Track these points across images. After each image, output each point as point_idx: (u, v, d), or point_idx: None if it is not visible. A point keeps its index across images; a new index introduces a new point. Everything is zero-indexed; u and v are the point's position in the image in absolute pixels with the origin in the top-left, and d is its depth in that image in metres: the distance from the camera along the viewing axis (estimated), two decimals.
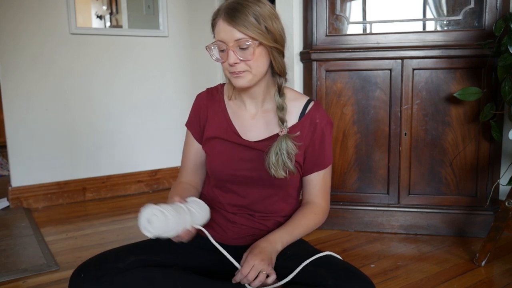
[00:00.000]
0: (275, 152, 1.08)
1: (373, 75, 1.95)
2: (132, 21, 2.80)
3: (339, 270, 1.01)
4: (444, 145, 1.93)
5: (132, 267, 1.05)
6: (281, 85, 1.14)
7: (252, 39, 1.02)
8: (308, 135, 1.15)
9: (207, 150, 1.20)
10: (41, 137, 2.58)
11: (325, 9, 1.97)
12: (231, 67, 1.05)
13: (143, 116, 2.86)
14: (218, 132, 1.17)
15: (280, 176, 1.09)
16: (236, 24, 1.01)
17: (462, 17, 1.89)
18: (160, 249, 1.13)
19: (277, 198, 1.18)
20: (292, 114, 1.15)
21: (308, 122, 1.15)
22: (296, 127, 1.14)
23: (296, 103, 1.17)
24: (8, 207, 2.54)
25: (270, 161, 1.09)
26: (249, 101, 1.17)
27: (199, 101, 1.23)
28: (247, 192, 1.16)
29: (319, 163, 1.17)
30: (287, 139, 1.09)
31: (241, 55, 1.04)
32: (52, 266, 1.70)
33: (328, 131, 1.17)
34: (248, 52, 1.04)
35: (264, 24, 1.03)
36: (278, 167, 1.08)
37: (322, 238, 1.95)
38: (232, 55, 1.03)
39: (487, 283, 1.51)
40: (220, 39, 1.04)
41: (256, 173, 1.13)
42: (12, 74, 2.48)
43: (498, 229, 1.59)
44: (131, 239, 2.00)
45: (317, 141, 1.15)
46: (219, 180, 1.17)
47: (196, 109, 1.23)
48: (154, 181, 2.94)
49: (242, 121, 1.17)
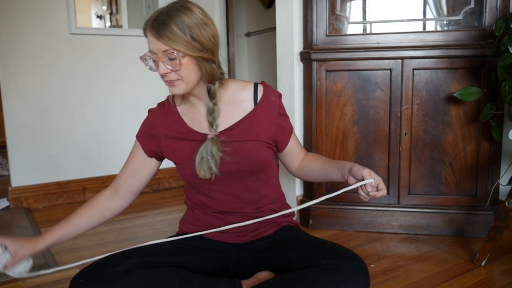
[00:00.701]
0: (200, 156, 1.11)
1: (373, 75, 1.95)
2: (132, 21, 2.80)
3: (331, 250, 1.05)
4: (444, 145, 1.93)
5: (131, 269, 1.05)
6: (211, 90, 1.14)
7: (176, 51, 1.03)
8: (271, 113, 1.19)
9: (176, 161, 1.19)
10: (41, 137, 2.58)
11: (325, 9, 1.97)
12: (163, 77, 1.08)
13: (143, 116, 2.84)
14: (179, 135, 1.18)
15: (203, 177, 1.12)
16: (160, 37, 1.02)
17: (462, 17, 1.89)
18: (159, 250, 1.14)
19: (260, 183, 1.20)
20: (245, 102, 1.18)
21: (266, 103, 1.18)
22: (256, 111, 1.17)
23: (245, 90, 1.19)
24: (8, 207, 2.55)
25: (197, 163, 1.11)
26: (198, 102, 1.17)
27: (152, 115, 1.24)
28: (229, 187, 1.17)
29: (287, 132, 1.24)
30: (214, 142, 1.11)
31: (170, 65, 1.05)
32: (52, 266, 1.70)
33: (281, 103, 1.23)
34: (176, 62, 1.04)
35: (189, 34, 1.03)
36: (200, 169, 1.11)
37: (322, 238, 1.95)
38: (162, 65, 1.05)
39: (487, 283, 1.51)
40: (150, 50, 1.06)
41: (232, 166, 1.14)
42: (12, 74, 2.48)
43: (498, 229, 1.59)
44: (131, 239, 2.00)
45: (278, 114, 1.20)
46: (199, 185, 1.18)
47: (149, 122, 1.24)
48: (154, 181, 2.94)
49: (199, 121, 1.18)
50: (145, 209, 2.49)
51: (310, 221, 2.08)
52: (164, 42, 1.02)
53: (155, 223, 2.24)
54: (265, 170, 1.20)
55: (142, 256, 1.09)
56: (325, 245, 1.10)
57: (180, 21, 1.02)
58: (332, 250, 1.06)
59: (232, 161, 1.13)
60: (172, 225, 2.19)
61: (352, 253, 1.05)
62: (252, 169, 1.16)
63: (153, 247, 1.15)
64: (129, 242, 1.96)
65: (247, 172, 1.16)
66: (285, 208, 1.28)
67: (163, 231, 2.10)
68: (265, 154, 1.17)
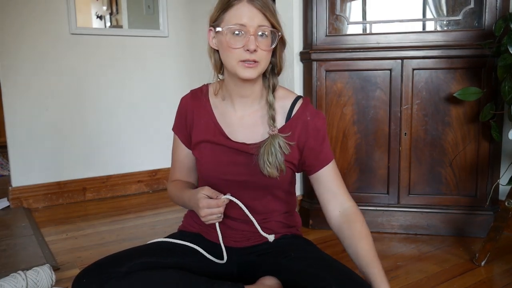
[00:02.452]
0: (268, 152, 1.06)
1: (373, 75, 1.95)
2: (132, 21, 2.80)
3: (342, 276, 0.99)
4: (444, 145, 1.93)
5: (134, 270, 1.04)
6: (276, 84, 1.12)
7: (276, 29, 1.00)
8: (302, 134, 1.11)
9: (197, 155, 1.17)
10: (41, 137, 2.58)
11: (325, 9, 1.97)
12: (245, 55, 1.00)
13: (143, 116, 2.86)
14: (206, 135, 1.15)
15: (273, 175, 1.07)
16: (264, 10, 0.98)
17: (462, 17, 1.89)
18: (162, 251, 1.13)
19: (271, 197, 1.17)
20: (278, 113, 1.13)
21: (298, 122, 1.12)
22: (286, 128, 1.11)
23: (284, 101, 1.14)
24: (8, 207, 2.55)
25: (264, 161, 1.06)
26: (238, 101, 1.13)
27: (184, 104, 1.20)
28: (239, 196, 1.14)
29: (322, 159, 1.14)
30: (279, 138, 1.07)
31: (262, 43, 1.00)
32: (52, 266, 1.70)
33: (323, 127, 1.14)
34: (267, 41, 1.00)
35: (279, 16, 1.01)
36: (272, 167, 1.06)
37: (322, 238, 1.95)
38: (253, 40, 0.99)
39: (487, 283, 1.51)
40: (241, 23, 0.99)
41: (247, 177, 1.11)
42: (12, 74, 2.48)
43: (498, 229, 1.59)
44: (131, 239, 2.00)
45: (312, 138, 1.12)
46: (211, 184, 1.15)
47: (181, 113, 1.20)
48: (154, 181, 2.94)
49: (229, 122, 1.14)
50: (145, 209, 2.49)
51: (310, 221, 2.08)
52: (268, 16, 0.98)
53: (155, 223, 2.24)
54: (280, 187, 1.16)
55: (144, 257, 1.08)
56: (334, 268, 1.03)
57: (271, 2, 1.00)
58: (342, 276, 0.99)
59: (248, 173, 1.11)
60: (172, 225, 2.19)
61: (360, 279, 1.00)
62: (266, 184, 1.13)
63: (155, 248, 1.14)
64: (129, 242, 1.96)
65: (260, 186, 1.13)
66: (292, 219, 1.24)
67: (163, 231, 2.10)
68: (284, 175, 1.12)
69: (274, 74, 1.13)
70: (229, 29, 1.01)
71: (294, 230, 1.25)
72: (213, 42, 1.09)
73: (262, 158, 1.07)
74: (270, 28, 1.01)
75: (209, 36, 1.09)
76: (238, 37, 1.00)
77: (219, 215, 1.05)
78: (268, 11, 0.99)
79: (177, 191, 1.20)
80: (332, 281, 0.95)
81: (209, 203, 1.03)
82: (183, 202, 1.17)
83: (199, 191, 1.06)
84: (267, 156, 1.06)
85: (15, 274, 1.40)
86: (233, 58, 1.02)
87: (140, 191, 2.88)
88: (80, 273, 1.04)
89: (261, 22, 0.99)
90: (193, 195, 1.08)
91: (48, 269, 1.46)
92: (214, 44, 1.09)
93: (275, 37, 1.03)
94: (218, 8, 1.05)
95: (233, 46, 1.01)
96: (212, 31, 1.07)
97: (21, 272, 1.40)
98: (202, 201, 1.04)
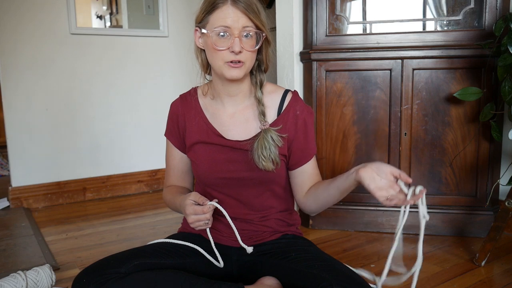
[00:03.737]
0: (262, 146, 1.07)
1: (373, 75, 1.95)
2: (132, 21, 2.80)
3: (343, 277, 0.98)
4: (444, 145, 1.93)
5: (134, 270, 1.04)
6: (264, 80, 1.13)
7: (260, 30, 1.00)
8: (292, 127, 1.13)
9: (192, 157, 1.18)
10: (41, 137, 2.58)
11: (325, 9, 1.97)
12: (231, 56, 1.02)
13: (143, 116, 2.86)
14: (200, 136, 1.16)
15: (269, 168, 1.08)
16: (247, 11, 0.99)
17: (462, 17, 1.89)
18: (162, 252, 1.13)
19: (269, 194, 1.18)
20: (270, 108, 1.14)
21: (289, 115, 1.13)
22: (278, 122, 1.13)
23: (273, 95, 1.15)
24: (8, 207, 2.55)
25: (258, 155, 1.07)
26: (227, 100, 1.15)
27: (174, 109, 1.22)
28: (238, 193, 1.15)
29: (306, 154, 1.16)
30: (271, 132, 1.09)
31: (247, 44, 1.01)
32: (52, 266, 1.70)
33: (310, 121, 1.16)
34: (252, 41, 1.01)
35: (263, 15, 1.01)
36: (267, 160, 1.07)
37: (322, 238, 1.95)
38: (238, 42, 1.00)
39: (487, 283, 1.51)
40: (225, 25, 1.01)
41: (244, 173, 1.12)
42: (12, 74, 2.48)
43: (498, 229, 1.59)
44: (131, 239, 2.00)
45: (301, 132, 1.14)
46: (209, 185, 1.16)
47: (172, 117, 1.22)
48: (154, 181, 2.94)
49: (221, 121, 1.16)
50: (145, 209, 2.49)
51: (310, 221, 2.08)
52: (252, 18, 0.98)
53: (155, 223, 2.24)
54: (278, 182, 1.17)
55: (144, 258, 1.09)
56: (335, 268, 1.02)
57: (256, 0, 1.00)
58: (343, 276, 0.99)
59: (245, 169, 1.11)
60: (172, 225, 2.19)
61: (361, 279, 1.00)
62: (263, 179, 1.14)
63: (155, 248, 1.14)
64: (129, 242, 1.96)
65: (258, 181, 1.14)
66: (292, 218, 1.24)
67: (163, 231, 2.10)
68: (279, 168, 1.13)
69: (261, 71, 1.14)
70: (214, 31, 1.03)
71: (294, 228, 1.25)
72: (200, 42, 1.12)
73: (257, 153, 1.08)
74: (254, 29, 1.02)
75: (195, 36, 1.12)
76: (223, 38, 1.02)
77: (206, 221, 1.05)
78: (252, 12, 1.00)
79: (170, 197, 1.21)
80: (332, 282, 0.95)
81: (195, 209, 1.03)
82: (176, 208, 1.18)
83: (186, 198, 1.06)
84: (261, 150, 1.08)
85: (15, 274, 1.40)
86: (219, 59, 1.04)
87: (140, 191, 2.88)
88: (80, 273, 1.05)
89: (245, 23, 1.00)
90: (182, 201, 1.09)
91: (48, 269, 1.46)
92: (200, 44, 1.12)
93: (260, 37, 1.05)
94: (203, 9, 1.07)
95: (219, 48, 1.03)
96: (198, 31, 1.10)
97: (21, 272, 1.40)
98: (188, 208, 1.04)
